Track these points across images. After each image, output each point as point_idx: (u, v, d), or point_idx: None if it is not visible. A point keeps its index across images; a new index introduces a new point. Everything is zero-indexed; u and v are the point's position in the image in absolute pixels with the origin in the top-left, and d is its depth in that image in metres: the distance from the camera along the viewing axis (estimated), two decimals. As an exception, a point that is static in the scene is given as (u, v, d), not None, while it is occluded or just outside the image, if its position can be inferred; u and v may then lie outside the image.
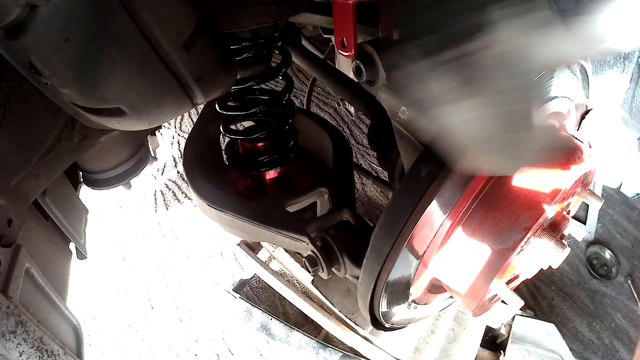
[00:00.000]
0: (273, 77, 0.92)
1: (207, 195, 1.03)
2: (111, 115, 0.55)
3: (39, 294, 0.71)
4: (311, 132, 1.20)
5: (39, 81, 0.50)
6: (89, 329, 2.01)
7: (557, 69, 0.63)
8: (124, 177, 1.15)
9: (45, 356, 0.62)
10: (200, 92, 0.59)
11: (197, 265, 2.18)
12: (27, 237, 0.74)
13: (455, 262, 0.68)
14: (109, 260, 2.27)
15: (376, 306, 0.74)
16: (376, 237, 0.63)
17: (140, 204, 2.50)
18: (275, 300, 1.98)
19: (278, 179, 1.13)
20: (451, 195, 0.60)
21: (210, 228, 2.30)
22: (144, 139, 1.21)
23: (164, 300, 2.07)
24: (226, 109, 1.00)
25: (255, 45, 0.80)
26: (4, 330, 0.56)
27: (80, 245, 0.97)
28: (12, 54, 0.46)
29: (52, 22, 0.42)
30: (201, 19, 0.53)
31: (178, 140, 2.80)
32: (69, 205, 0.93)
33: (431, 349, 1.55)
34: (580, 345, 1.85)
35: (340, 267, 0.86)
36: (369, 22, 0.89)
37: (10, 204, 0.66)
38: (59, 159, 0.73)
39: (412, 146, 0.68)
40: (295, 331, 1.76)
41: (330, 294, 1.43)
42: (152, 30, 0.47)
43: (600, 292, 2.00)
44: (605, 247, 2.04)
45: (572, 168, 0.61)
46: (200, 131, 1.21)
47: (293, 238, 0.90)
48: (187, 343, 1.91)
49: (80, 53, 0.45)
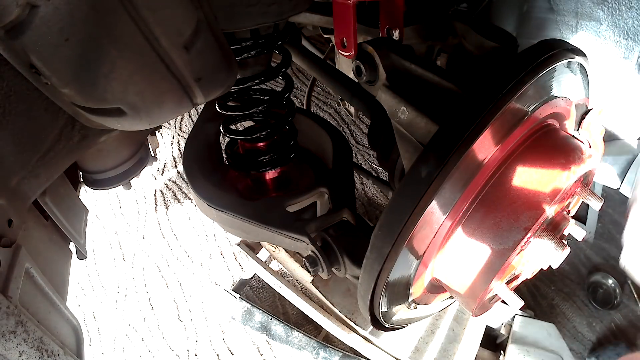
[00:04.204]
0: (273, 77, 0.92)
1: (207, 195, 1.03)
2: (111, 115, 0.55)
3: (39, 294, 0.71)
4: (311, 132, 1.20)
5: (39, 81, 0.50)
6: (89, 329, 2.01)
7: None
8: (124, 177, 1.15)
9: (45, 356, 0.62)
10: (200, 92, 0.59)
11: (197, 265, 2.18)
12: (27, 237, 0.74)
13: (455, 262, 0.68)
14: (109, 260, 2.27)
15: (376, 306, 0.74)
16: (376, 237, 0.63)
17: (140, 204, 2.50)
18: (275, 300, 1.98)
19: (278, 179, 1.13)
20: (451, 195, 0.60)
21: (211, 228, 2.30)
22: (144, 139, 1.21)
23: (164, 300, 2.07)
24: (226, 109, 1.00)
25: (255, 45, 0.80)
26: (4, 330, 0.56)
27: (80, 245, 0.97)
28: (12, 54, 0.46)
29: (52, 22, 0.42)
30: (201, 19, 0.53)
31: (178, 140, 2.80)
32: (69, 205, 0.93)
33: (431, 349, 1.55)
34: (580, 345, 1.85)
35: (340, 267, 0.86)
36: (369, 22, 0.89)
37: (10, 204, 0.66)
38: (58, 159, 0.73)
39: (412, 146, 0.68)
40: (295, 331, 1.76)
41: (330, 294, 1.43)
42: (152, 31, 0.47)
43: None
44: (607, 276, 1.98)
45: (572, 168, 0.61)
46: (200, 131, 1.21)
47: (293, 238, 0.90)
48: (187, 343, 1.91)
49: (80, 53, 0.45)
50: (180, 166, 2.65)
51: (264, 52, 0.83)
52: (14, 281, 0.62)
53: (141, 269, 2.21)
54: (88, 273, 2.22)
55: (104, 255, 2.30)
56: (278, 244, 1.16)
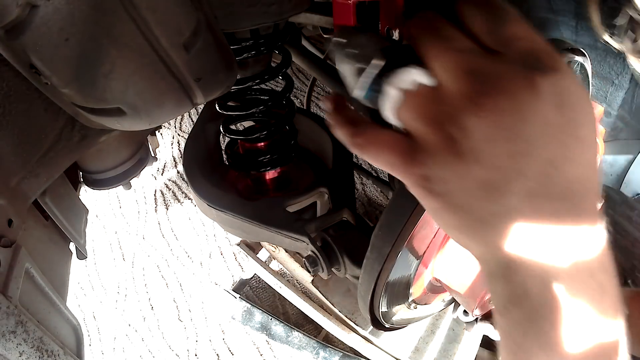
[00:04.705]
0: (273, 77, 0.92)
1: (207, 196, 1.03)
2: (111, 115, 0.55)
3: (39, 294, 0.71)
4: (311, 132, 1.20)
5: (39, 81, 0.50)
6: (89, 329, 2.01)
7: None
8: (124, 177, 1.15)
9: (45, 356, 0.62)
10: (200, 92, 0.59)
11: (197, 265, 2.18)
12: (27, 237, 0.74)
13: (455, 262, 0.68)
14: (109, 260, 2.27)
15: (376, 306, 0.74)
16: (376, 237, 0.63)
17: (140, 204, 2.50)
18: (275, 300, 1.98)
19: (278, 179, 1.13)
20: (451, 195, 0.60)
21: (211, 228, 2.30)
22: (144, 139, 1.21)
23: (164, 300, 2.07)
24: (226, 109, 1.00)
25: (255, 45, 0.80)
26: (4, 330, 0.56)
27: (80, 245, 0.97)
28: (12, 54, 0.46)
29: (52, 22, 0.42)
30: (201, 19, 0.53)
31: (178, 140, 2.80)
32: (69, 205, 0.93)
33: (431, 349, 1.55)
34: (580, 345, 1.84)
35: (340, 267, 0.86)
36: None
37: (10, 204, 0.66)
38: (58, 158, 0.73)
39: (412, 146, 0.68)
40: (295, 331, 1.76)
41: (330, 294, 1.43)
42: (152, 30, 0.47)
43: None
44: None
45: (572, 168, 0.61)
46: (200, 131, 1.21)
47: (293, 238, 0.90)
48: (187, 343, 1.91)
49: (80, 53, 0.45)
50: (180, 166, 2.65)
51: (264, 52, 0.83)
52: (14, 281, 0.62)
53: (141, 269, 2.21)
54: (88, 273, 2.22)
55: (104, 255, 2.29)
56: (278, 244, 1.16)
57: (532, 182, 0.34)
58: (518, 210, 0.34)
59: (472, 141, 0.33)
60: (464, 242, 0.41)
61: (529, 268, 0.35)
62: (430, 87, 0.36)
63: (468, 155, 0.34)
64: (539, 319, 0.35)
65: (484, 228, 0.37)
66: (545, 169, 0.33)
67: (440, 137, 0.35)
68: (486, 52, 0.35)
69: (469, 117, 0.33)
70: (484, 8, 0.37)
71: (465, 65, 0.34)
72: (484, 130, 0.33)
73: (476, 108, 0.33)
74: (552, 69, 0.33)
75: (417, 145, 0.37)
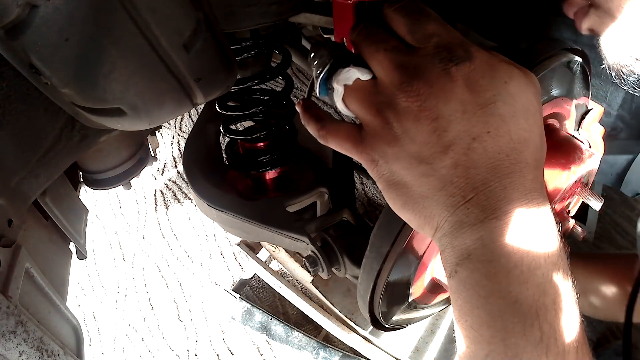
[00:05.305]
0: (273, 77, 0.92)
1: (207, 196, 1.03)
2: (111, 115, 0.55)
3: (39, 294, 0.71)
4: (311, 132, 1.20)
5: (39, 81, 0.50)
6: (89, 329, 2.01)
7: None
8: (124, 177, 1.15)
9: (45, 356, 0.62)
10: (200, 92, 0.59)
11: (197, 265, 2.18)
12: (27, 237, 0.74)
13: (455, 262, 0.68)
14: (109, 260, 2.27)
15: (376, 306, 0.74)
16: (375, 236, 0.63)
17: (140, 204, 2.50)
18: (275, 300, 1.98)
19: (278, 179, 1.13)
20: (451, 195, 0.60)
21: (211, 228, 2.30)
22: (144, 139, 1.21)
23: (164, 300, 2.07)
24: (226, 109, 1.00)
25: (255, 45, 0.80)
26: (4, 330, 0.56)
27: (80, 245, 0.97)
28: (12, 54, 0.46)
29: (52, 22, 0.42)
30: (201, 19, 0.53)
31: (178, 140, 2.80)
32: (69, 205, 0.93)
33: (431, 349, 1.55)
34: (580, 345, 1.84)
35: (340, 267, 0.86)
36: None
37: (10, 204, 0.66)
38: (58, 159, 0.73)
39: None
40: (295, 331, 1.76)
41: (330, 294, 1.43)
42: (152, 30, 0.47)
43: (600, 292, 2.00)
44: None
45: (572, 168, 0.61)
46: (200, 131, 1.21)
47: (293, 238, 0.90)
48: (187, 343, 1.91)
49: (80, 53, 0.45)
50: (180, 166, 2.65)
51: (264, 52, 0.83)
52: (14, 281, 0.62)
53: (141, 269, 2.21)
54: (88, 273, 2.22)
55: (104, 255, 2.30)
56: (278, 244, 1.16)
57: (457, 155, 0.39)
58: (451, 181, 0.40)
59: (403, 122, 0.40)
60: (412, 220, 0.45)
61: (467, 232, 0.40)
62: (371, 81, 0.45)
63: (401, 135, 0.41)
64: (481, 277, 0.40)
65: (424, 201, 0.42)
66: (468, 143, 0.39)
67: (379, 121, 0.42)
68: (409, 49, 0.42)
69: (399, 102, 0.41)
70: (405, 13, 0.44)
71: (394, 61, 0.42)
72: (412, 112, 0.40)
73: (404, 94, 0.40)
74: (462, 58, 0.40)
75: (365, 133, 0.44)
